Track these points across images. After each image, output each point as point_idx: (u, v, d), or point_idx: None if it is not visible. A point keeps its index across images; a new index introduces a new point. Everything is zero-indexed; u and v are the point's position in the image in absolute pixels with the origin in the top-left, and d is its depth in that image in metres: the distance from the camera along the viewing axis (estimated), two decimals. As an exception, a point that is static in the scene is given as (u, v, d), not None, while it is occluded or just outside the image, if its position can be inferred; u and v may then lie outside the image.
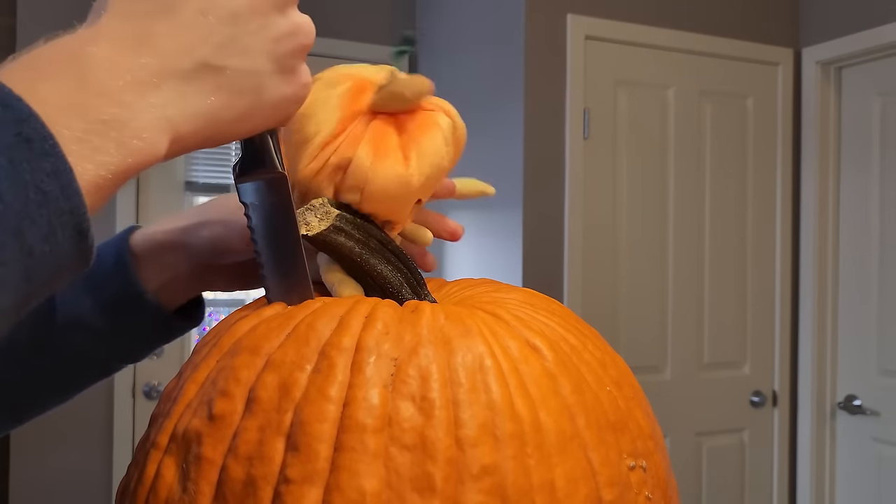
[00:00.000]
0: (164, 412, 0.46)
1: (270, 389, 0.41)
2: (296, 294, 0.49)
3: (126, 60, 0.36)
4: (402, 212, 0.53)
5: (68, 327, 0.60)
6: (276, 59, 0.41)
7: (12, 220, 0.29)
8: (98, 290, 0.59)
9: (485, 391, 0.42)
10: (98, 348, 0.61)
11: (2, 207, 0.29)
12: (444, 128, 0.54)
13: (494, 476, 0.40)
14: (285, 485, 0.38)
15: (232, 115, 0.40)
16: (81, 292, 0.59)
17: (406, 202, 0.52)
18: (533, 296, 0.54)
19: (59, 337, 0.60)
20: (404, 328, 0.44)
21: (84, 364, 0.62)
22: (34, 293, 0.32)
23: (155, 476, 0.42)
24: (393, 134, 0.52)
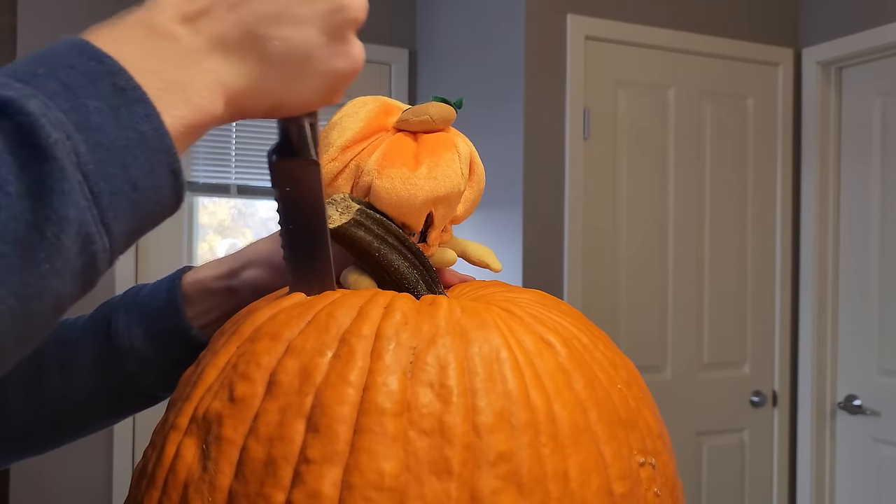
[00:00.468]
0: (183, 396, 0.46)
1: (291, 374, 0.42)
2: (317, 283, 0.50)
3: (182, 30, 0.40)
4: (412, 216, 0.53)
5: (121, 354, 0.64)
6: (327, 31, 0.43)
7: (118, 155, 0.34)
8: (150, 323, 0.64)
9: (501, 381, 0.43)
10: (146, 376, 0.64)
11: (108, 143, 0.34)
12: (462, 150, 0.56)
13: (510, 463, 0.40)
14: (305, 464, 0.39)
15: (281, 84, 0.42)
16: (135, 324, 0.64)
17: (413, 205, 0.53)
18: (544, 297, 0.55)
19: (113, 361, 0.64)
20: (422, 319, 0.45)
21: (132, 389, 0.66)
22: (141, 228, 0.36)
23: (175, 457, 0.43)
24: (410, 144, 0.54)
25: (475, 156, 0.59)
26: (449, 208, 0.55)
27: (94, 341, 0.65)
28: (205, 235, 3.12)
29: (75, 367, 0.64)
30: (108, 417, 0.68)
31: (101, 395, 0.65)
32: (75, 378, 0.64)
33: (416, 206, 0.53)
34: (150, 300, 0.65)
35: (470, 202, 0.58)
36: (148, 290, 0.66)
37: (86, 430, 0.68)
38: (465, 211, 0.58)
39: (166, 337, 0.63)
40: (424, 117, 0.55)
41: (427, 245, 0.57)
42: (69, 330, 0.66)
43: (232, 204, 3.17)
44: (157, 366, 0.64)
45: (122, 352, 0.64)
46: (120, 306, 0.66)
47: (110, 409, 0.67)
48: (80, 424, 0.67)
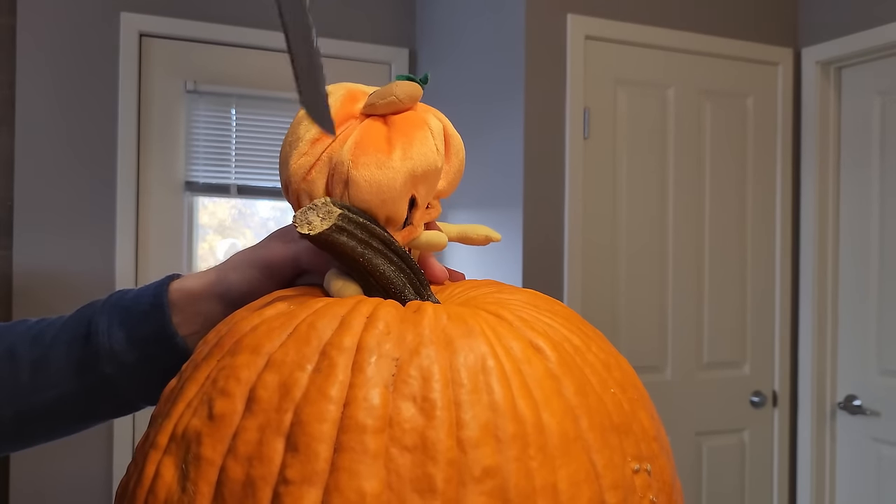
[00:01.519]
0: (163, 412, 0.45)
1: (271, 389, 0.41)
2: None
3: None
4: (395, 201, 0.52)
5: (99, 356, 0.62)
6: None
7: None
8: (132, 327, 0.62)
9: (487, 392, 0.42)
10: (123, 381, 0.63)
11: None
12: (434, 127, 0.55)
13: (496, 478, 0.39)
14: (284, 485, 0.38)
15: None
16: (117, 326, 0.62)
17: (393, 189, 0.52)
18: (536, 297, 0.53)
19: (90, 362, 0.62)
20: (406, 328, 0.44)
21: (107, 394, 0.64)
22: None
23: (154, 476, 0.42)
24: (381, 129, 0.53)
25: (449, 127, 0.57)
26: (429, 186, 0.54)
27: (72, 341, 0.63)
28: (205, 235, 3.11)
29: (49, 366, 0.63)
30: (78, 422, 0.67)
31: (73, 398, 0.63)
32: (48, 378, 0.63)
33: (397, 191, 0.52)
34: (134, 304, 0.63)
35: (452, 174, 0.57)
36: (133, 294, 0.64)
37: (54, 432, 0.67)
38: (449, 184, 0.57)
39: (148, 342, 0.62)
40: (391, 98, 0.53)
41: (413, 227, 0.55)
42: (46, 328, 0.65)
43: (232, 204, 3.17)
44: (136, 371, 0.63)
45: (101, 354, 0.62)
46: (102, 309, 0.64)
47: (82, 412, 0.65)
48: (49, 426, 0.66)
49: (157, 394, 0.64)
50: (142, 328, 0.62)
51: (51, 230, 2.77)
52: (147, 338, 0.62)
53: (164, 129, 2.94)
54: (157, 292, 0.63)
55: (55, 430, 0.67)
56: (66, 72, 2.78)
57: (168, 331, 0.61)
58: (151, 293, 0.63)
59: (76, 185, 2.80)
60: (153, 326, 0.62)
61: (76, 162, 2.80)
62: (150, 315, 0.62)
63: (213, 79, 2.98)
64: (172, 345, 0.61)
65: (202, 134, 3.00)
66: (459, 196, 2.88)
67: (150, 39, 2.92)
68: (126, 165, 2.84)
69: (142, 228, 2.89)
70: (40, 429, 0.66)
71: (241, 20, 2.97)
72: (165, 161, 2.94)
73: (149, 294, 0.63)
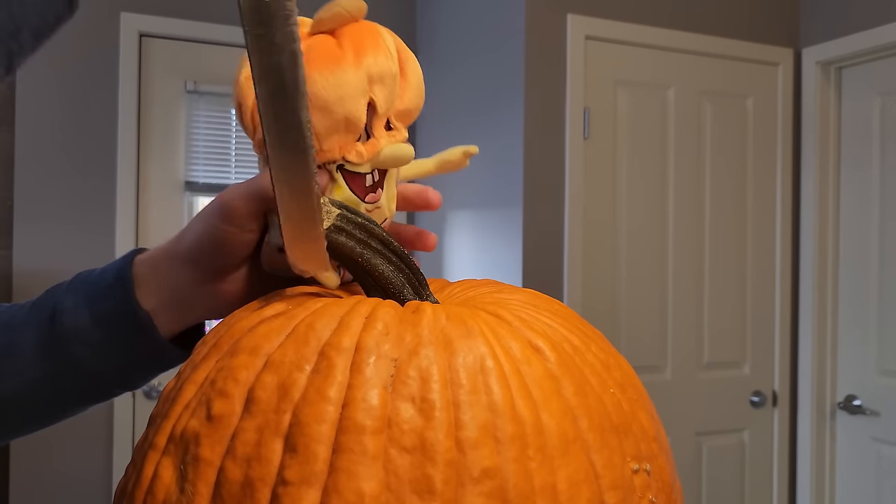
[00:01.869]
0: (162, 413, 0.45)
1: (269, 390, 0.41)
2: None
3: None
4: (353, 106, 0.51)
5: (66, 337, 0.60)
6: None
7: None
8: (96, 304, 0.60)
9: (486, 393, 0.42)
10: (92, 363, 0.61)
11: None
12: (385, 36, 0.54)
13: (495, 479, 0.39)
14: (283, 486, 0.38)
15: None
16: (82, 305, 0.60)
17: (349, 93, 0.51)
18: (536, 296, 0.53)
19: (56, 345, 0.60)
20: (405, 329, 0.44)
21: (78, 378, 0.61)
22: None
23: (152, 477, 0.42)
24: (330, 41, 0.53)
25: (403, 45, 0.56)
26: (387, 92, 0.53)
27: (39, 324, 0.60)
28: (204, 235, 3.11)
29: (16, 352, 0.60)
30: (50, 410, 0.64)
31: (41, 384, 0.61)
32: (15, 365, 0.60)
33: (353, 86, 0.51)
34: (99, 279, 0.61)
35: (411, 93, 0.55)
36: (98, 272, 0.62)
37: (27, 423, 0.64)
38: (410, 104, 0.55)
39: (113, 318, 0.59)
40: (336, 9, 0.53)
41: (376, 138, 0.53)
42: (16, 312, 0.63)
43: (231, 204, 3.16)
44: (102, 351, 0.60)
45: (67, 335, 0.59)
46: (68, 288, 0.62)
47: (53, 399, 0.62)
48: (19, 416, 0.63)
49: (128, 376, 0.63)
50: (105, 304, 0.59)
51: (51, 230, 2.77)
52: (110, 314, 0.59)
53: (164, 129, 2.94)
54: (120, 266, 0.60)
55: (27, 420, 0.64)
56: (67, 72, 2.78)
57: (130, 304, 0.59)
58: (115, 268, 0.61)
59: (76, 185, 2.80)
60: (116, 302, 0.59)
61: (76, 161, 2.80)
62: (113, 290, 0.59)
63: (213, 79, 2.98)
64: (136, 320, 0.59)
65: (202, 134, 3.00)
66: (460, 196, 2.88)
67: (150, 39, 2.92)
68: (126, 165, 2.84)
69: (142, 228, 2.89)
70: (11, 420, 0.63)
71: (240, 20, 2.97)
72: (165, 161, 2.94)
73: (113, 270, 0.61)
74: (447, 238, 2.99)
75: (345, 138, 0.52)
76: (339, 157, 0.53)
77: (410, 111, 0.55)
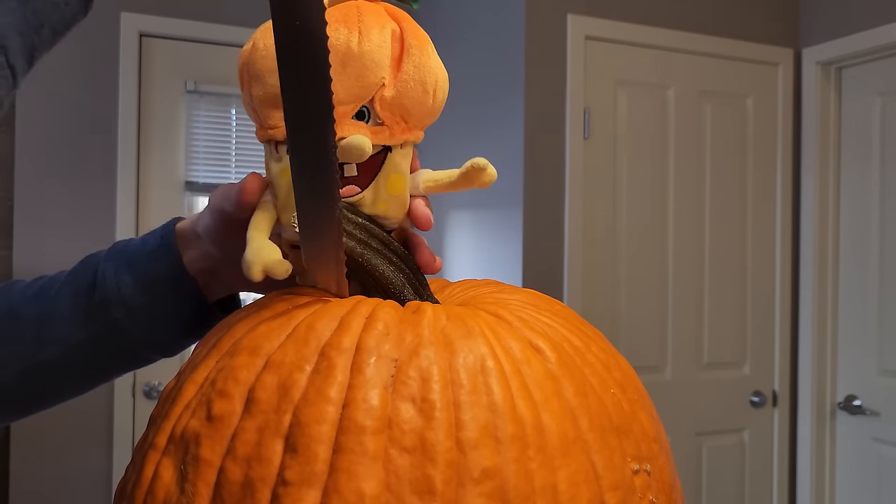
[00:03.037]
0: (162, 413, 0.45)
1: (269, 390, 0.41)
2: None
3: None
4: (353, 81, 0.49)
5: (108, 303, 0.61)
6: None
7: None
8: (140, 269, 0.61)
9: (486, 393, 0.42)
10: (134, 325, 0.62)
11: None
12: (369, 18, 0.50)
13: (495, 479, 0.39)
14: (283, 487, 0.38)
15: None
16: (124, 270, 0.61)
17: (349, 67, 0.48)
18: (536, 297, 0.53)
19: (98, 310, 0.61)
20: (405, 329, 0.43)
21: (117, 342, 0.63)
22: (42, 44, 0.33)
23: (153, 477, 0.42)
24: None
25: (414, 33, 0.52)
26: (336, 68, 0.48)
27: (77, 292, 0.62)
28: (204, 235, 3.11)
29: (54, 321, 0.62)
30: (86, 377, 0.65)
31: (81, 351, 0.62)
32: (53, 332, 0.61)
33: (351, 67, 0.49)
34: (140, 246, 0.62)
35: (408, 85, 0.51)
36: (139, 240, 0.64)
37: (62, 391, 0.65)
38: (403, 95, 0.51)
39: (159, 281, 0.61)
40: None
41: (338, 125, 0.49)
42: (48, 283, 0.64)
43: (231, 204, 3.16)
44: (146, 313, 0.61)
45: (109, 299, 0.61)
46: (107, 257, 0.63)
47: (90, 365, 0.64)
48: (57, 384, 0.64)
49: (166, 340, 0.64)
50: (152, 269, 0.61)
51: (51, 230, 2.76)
52: (157, 278, 0.61)
53: (164, 129, 2.94)
54: (164, 231, 0.62)
55: (63, 388, 0.65)
56: (67, 72, 2.78)
57: (176, 268, 0.61)
58: (158, 233, 0.62)
59: (76, 185, 2.80)
60: (163, 266, 0.61)
61: (76, 162, 2.80)
62: (158, 255, 0.61)
63: (213, 79, 2.97)
64: (183, 283, 0.61)
65: (202, 134, 3.00)
66: (460, 196, 2.88)
67: (150, 39, 2.92)
68: (126, 165, 2.84)
69: (142, 228, 2.89)
70: (48, 388, 0.64)
71: (241, 20, 2.97)
72: (165, 161, 2.94)
73: (156, 235, 0.62)
74: (447, 238, 2.99)
75: None
76: (282, 135, 0.50)
77: (405, 107, 0.51)
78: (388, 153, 0.52)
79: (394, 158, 0.52)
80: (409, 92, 0.51)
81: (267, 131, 0.51)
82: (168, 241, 0.61)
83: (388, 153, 0.52)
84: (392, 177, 0.52)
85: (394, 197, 0.52)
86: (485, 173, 0.54)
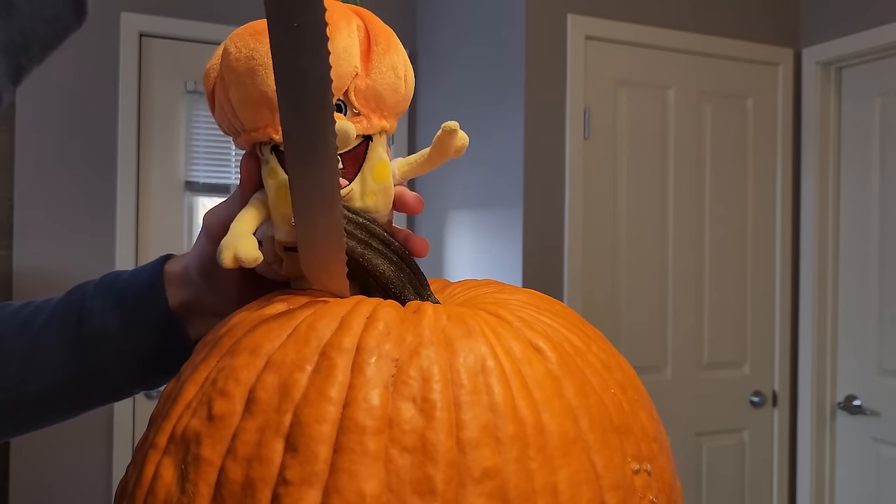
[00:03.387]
0: (162, 413, 0.45)
1: (270, 390, 0.41)
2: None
3: None
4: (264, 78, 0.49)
5: (94, 341, 0.61)
6: None
7: None
8: (128, 308, 0.61)
9: (487, 393, 0.42)
10: (118, 365, 0.62)
11: None
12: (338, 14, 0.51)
13: (496, 479, 0.39)
14: (284, 486, 0.38)
15: None
16: (112, 309, 0.61)
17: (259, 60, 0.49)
18: (536, 297, 0.53)
19: (84, 348, 0.61)
20: (406, 329, 0.43)
21: (100, 380, 0.62)
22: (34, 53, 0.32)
23: (153, 477, 0.42)
24: None
25: (376, 25, 0.53)
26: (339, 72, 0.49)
27: (64, 326, 0.61)
28: (204, 235, 3.11)
29: (39, 354, 0.61)
30: (67, 410, 0.65)
31: (64, 386, 0.62)
32: (38, 366, 0.61)
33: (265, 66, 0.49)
34: (129, 285, 0.62)
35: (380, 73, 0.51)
36: (127, 276, 0.63)
37: (40, 421, 0.65)
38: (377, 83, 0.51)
39: (145, 322, 0.61)
40: None
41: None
42: (34, 313, 0.63)
43: (231, 204, 3.16)
44: (131, 355, 0.61)
45: (96, 338, 0.61)
46: (95, 292, 0.62)
47: (72, 400, 0.63)
48: (36, 415, 0.64)
49: (151, 377, 0.64)
50: (138, 309, 0.61)
51: (51, 230, 2.77)
52: (144, 319, 0.61)
53: (164, 129, 2.94)
54: (152, 271, 0.62)
55: (42, 419, 0.65)
56: (67, 72, 2.78)
57: (162, 307, 0.60)
58: (147, 274, 0.62)
59: (76, 185, 2.80)
60: (149, 307, 0.61)
61: (76, 161, 2.80)
62: (146, 296, 0.61)
63: (213, 79, 2.97)
64: (168, 325, 0.61)
65: (202, 134, 3.00)
66: (460, 196, 2.88)
67: (150, 39, 2.92)
68: (126, 165, 2.84)
69: (142, 228, 2.89)
70: (27, 418, 0.64)
71: (241, 20, 2.96)
72: (165, 161, 2.94)
73: (144, 275, 0.62)
74: (447, 238, 2.99)
75: (271, 117, 0.50)
76: (266, 137, 0.50)
77: (380, 95, 0.52)
78: (369, 143, 0.52)
79: (375, 148, 0.52)
80: (382, 79, 0.52)
81: (250, 134, 0.51)
82: (156, 283, 0.61)
83: (369, 143, 0.52)
84: (377, 165, 0.52)
85: (381, 187, 0.52)
86: (456, 136, 0.54)
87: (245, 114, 0.51)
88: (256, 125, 0.51)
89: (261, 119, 0.50)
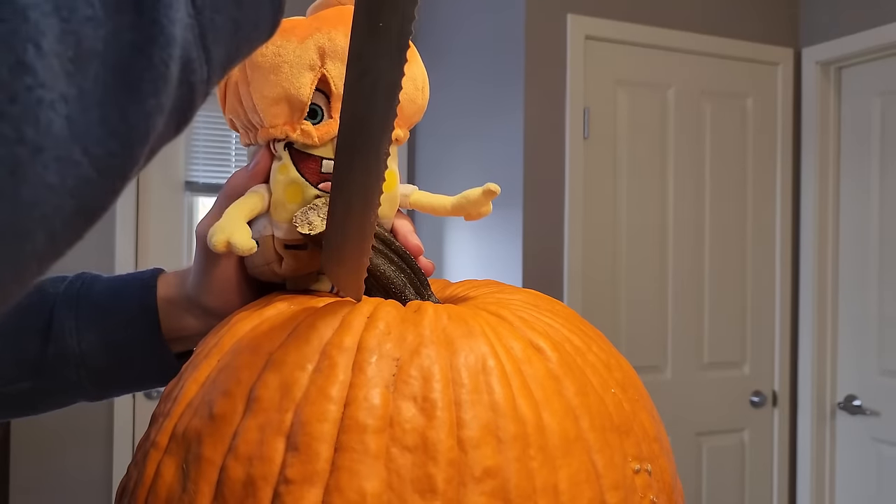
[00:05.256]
0: (164, 412, 0.45)
1: (271, 389, 0.41)
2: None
3: None
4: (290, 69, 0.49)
5: (64, 358, 0.55)
6: None
7: None
8: (110, 330, 0.56)
9: (487, 392, 0.42)
10: (88, 383, 0.57)
11: None
12: None
13: (497, 478, 0.39)
14: (285, 485, 0.38)
15: None
16: (88, 328, 0.56)
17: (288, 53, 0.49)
18: (537, 297, 0.53)
19: (50, 366, 0.56)
20: (407, 328, 0.44)
21: (65, 394, 0.58)
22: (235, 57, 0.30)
23: (155, 476, 0.42)
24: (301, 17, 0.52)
25: None
26: (342, 67, 0.49)
27: (25, 335, 0.55)
28: (204, 235, 3.11)
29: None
30: (20, 414, 0.59)
31: (23, 396, 0.56)
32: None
33: (291, 65, 0.49)
34: (110, 302, 0.56)
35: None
36: (104, 289, 0.57)
37: (6, 418, 0.60)
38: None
39: (130, 346, 0.56)
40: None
41: (334, 121, 0.50)
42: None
43: (231, 204, 3.16)
44: (106, 375, 0.57)
45: (67, 356, 0.55)
46: (66, 303, 0.56)
47: (29, 406, 0.58)
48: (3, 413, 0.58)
49: (122, 393, 0.60)
50: (122, 332, 0.56)
51: (51, 230, 2.76)
52: (129, 342, 0.56)
53: (164, 129, 2.94)
54: (143, 294, 0.57)
55: (6, 416, 0.60)
56: (66, 72, 2.78)
57: (155, 333, 0.56)
58: (137, 295, 0.56)
59: (76, 185, 2.79)
60: (139, 330, 0.56)
61: (76, 162, 2.80)
62: (136, 319, 0.56)
63: (213, 79, 2.97)
64: (155, 346, 0.57)
65: (202, 134, 3.00)
66: (459, 196, 2.87)
67: (150, 39, 2.92)
68: (126, 165, 2.84)
69: (142, 228, 2.89)
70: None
71: (241, 20, 2.97)
72: (165, 161, 2.94)
73: (133, 295, 0.57)
74: (447, 238, 2.99)
75: (290, 115, 0.50)
76: (283, 134, 0.50)
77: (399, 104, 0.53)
78: None
79: None
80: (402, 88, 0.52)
81: (268, 130, 0.51)
82: (148, 304, 0.56)
83: None
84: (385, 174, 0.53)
85: (387, 196, 0.52)
86: (493, 197, 0.55)
87: (266, 110, 0.50)
88: (276, 122, 0.51)
89: (281, 115, 0.50)
